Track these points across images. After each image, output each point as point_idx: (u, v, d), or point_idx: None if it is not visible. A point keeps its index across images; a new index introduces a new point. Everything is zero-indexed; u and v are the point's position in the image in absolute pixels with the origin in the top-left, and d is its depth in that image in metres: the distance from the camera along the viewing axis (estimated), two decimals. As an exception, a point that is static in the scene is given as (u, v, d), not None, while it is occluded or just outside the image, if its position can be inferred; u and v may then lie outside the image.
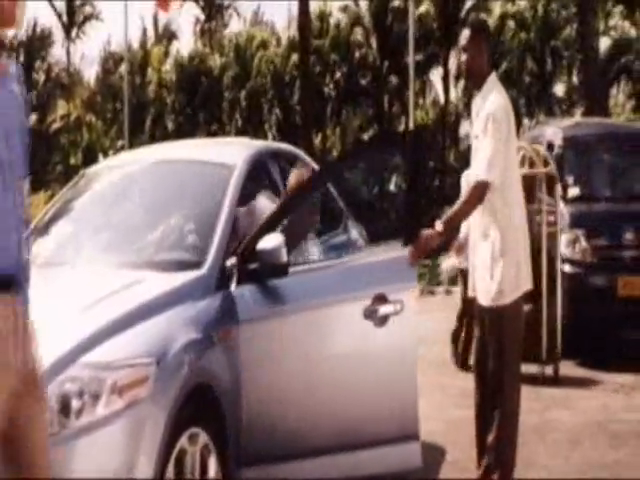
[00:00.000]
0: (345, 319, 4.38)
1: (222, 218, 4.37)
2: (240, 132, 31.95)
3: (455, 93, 37.05)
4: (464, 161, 32.05)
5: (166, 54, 36.38)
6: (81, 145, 36.94)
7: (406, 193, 4.75)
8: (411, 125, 24.02)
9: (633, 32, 30.06)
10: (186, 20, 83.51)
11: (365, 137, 37.12)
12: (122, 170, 5.10)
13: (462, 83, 35.58)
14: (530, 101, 32.14)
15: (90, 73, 46.37)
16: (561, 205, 8.58)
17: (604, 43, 28.84)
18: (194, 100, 32.78)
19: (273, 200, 4.91)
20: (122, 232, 4.60)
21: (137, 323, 3.61)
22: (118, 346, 3.43)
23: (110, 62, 39.67)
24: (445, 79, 34.53)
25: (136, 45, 39.41)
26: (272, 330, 4.26)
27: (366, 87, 34.32)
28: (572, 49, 29.01)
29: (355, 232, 6.36)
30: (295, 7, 29.78)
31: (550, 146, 10.14)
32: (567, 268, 8.94)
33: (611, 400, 7.16)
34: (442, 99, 36.18)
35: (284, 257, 4.19)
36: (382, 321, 4.41)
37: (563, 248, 8.80)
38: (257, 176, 5.00)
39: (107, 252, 4.42)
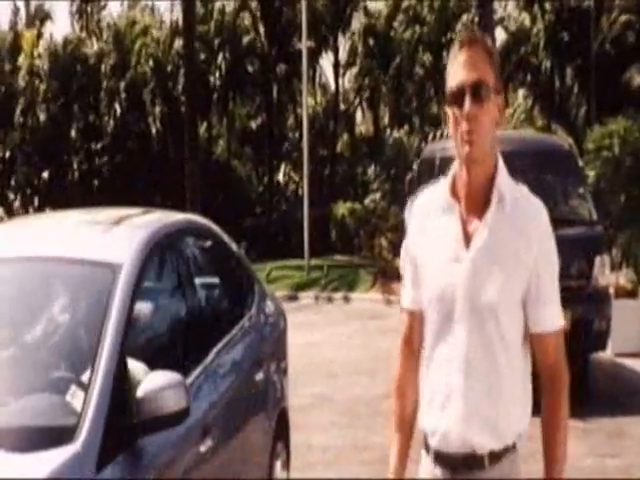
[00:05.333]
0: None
1: (105, 351, 3.02)
2: (120, 123, 30.14)
3: (345, 80, 36.13)
4: (356, 150, 31.35)
5: (39, 37, 33.97)
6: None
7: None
8: (304, 113, 23.01)
9: (528, 22, 29.78)
10: (61, 1, 79.63)
11: (253, 126, 35.86)
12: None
13: (354, 70, 34.74)
14: (423, 96, 31.52)
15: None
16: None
17: (499, 34, 28.45)
18: (69, 89, 30.69)
19: (178, 305, 3.65)
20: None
21: None
22: None
23: (-24, 46, 36.78)
24: (336, 66, 33.57)
25: (5, 27, 36.88)
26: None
27: (253, 74, 32.99)
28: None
29: (271, 309, 5.18)
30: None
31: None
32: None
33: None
34: (332, 86, 35.28)
35: (182, 401, 2.97)
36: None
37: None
38: (153, 273, 3.72)
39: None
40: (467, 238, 2.55)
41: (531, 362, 2.63)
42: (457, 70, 2.56)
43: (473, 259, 2.52)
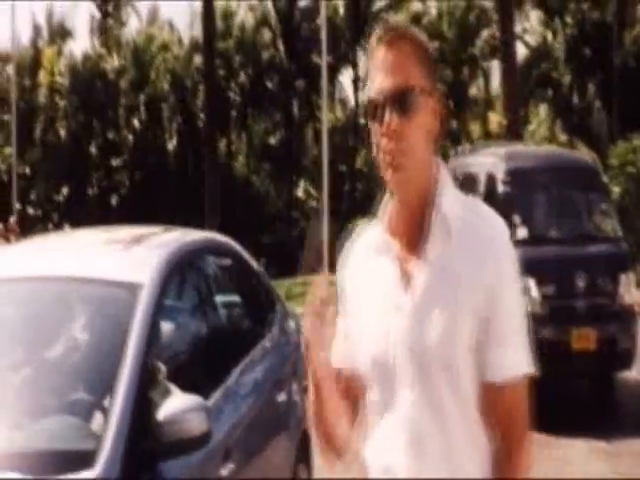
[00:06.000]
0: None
1: (125, 373, 2.94)
2: (139, 139, 30.24)
3: (364, 95, 36.08)
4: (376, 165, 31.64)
5: (59, 54, 34.19)
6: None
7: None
8: (323, 128, 23.00)
9: (549, 37, 29.68)
10: (82, 17, 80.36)
11: (272, 141, 35.92)
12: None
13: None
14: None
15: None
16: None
17: (520, 49, 28.38)
18: (88, 105, 30.86)
19: (199, 325, 3.57)
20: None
21: None
22: None
23: (-4, 62, 37.05)
24: (355, 80, 33.61)
25: (26, 43, 37.09)
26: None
27: (273, 90, 33.07)
28: (488, 57, 28.48)
29: (292, 328, 5.09)
30: (197, 5, 28.26)
31: (490, 179, 9.08)
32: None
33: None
34: (352, 100, 35.31)
35: (203, 424, 2.89)
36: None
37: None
38: (173, 292, 3.64)
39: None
40: (407, 280, 2.01)
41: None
42: (376, 74, 2.01)
43: (413, 305, 1.98)
